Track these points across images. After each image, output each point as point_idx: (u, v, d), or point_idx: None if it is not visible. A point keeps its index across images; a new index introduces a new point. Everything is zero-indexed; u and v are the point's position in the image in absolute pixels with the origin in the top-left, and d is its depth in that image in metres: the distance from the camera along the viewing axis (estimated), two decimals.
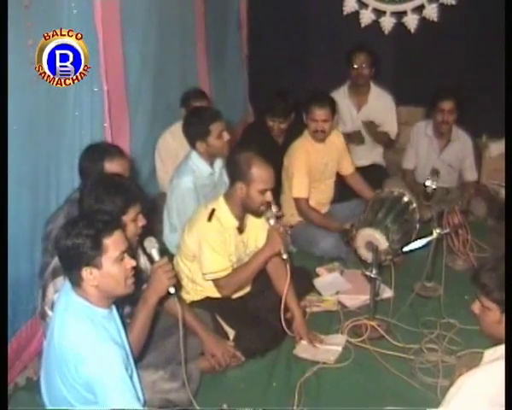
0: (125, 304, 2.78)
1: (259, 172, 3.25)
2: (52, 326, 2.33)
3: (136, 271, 2.47)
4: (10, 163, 2.79)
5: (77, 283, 2.29)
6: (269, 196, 3.28)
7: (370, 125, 5.23)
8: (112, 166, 3.04)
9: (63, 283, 2.44)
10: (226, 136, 3.90)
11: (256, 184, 3.25)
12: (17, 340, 3.10)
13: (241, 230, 3.43)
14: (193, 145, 3.93)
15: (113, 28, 3.72)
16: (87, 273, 2.26)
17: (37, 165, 3.17)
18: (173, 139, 4.46)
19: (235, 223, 3.38)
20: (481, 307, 2.26)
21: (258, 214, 3.38)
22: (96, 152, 3.09)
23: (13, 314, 3.04)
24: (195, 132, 3.88)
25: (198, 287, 3.45)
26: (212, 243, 3.29)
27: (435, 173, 3.96)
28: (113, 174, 2.94)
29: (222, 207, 3.35)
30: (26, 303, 3.12)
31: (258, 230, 3.47)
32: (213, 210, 3.32)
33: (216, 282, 3.35)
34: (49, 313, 2.59)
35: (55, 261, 2.57)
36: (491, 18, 5.09)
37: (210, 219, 3.30)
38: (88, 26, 3.36)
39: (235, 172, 3.32)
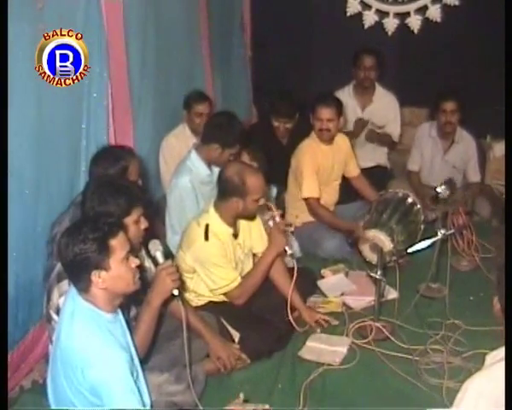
0: (130, 307, 2.79)
1: (254, 184, 3.25)
2: (58, 331, 2.33)
3: (141, 270, 2.48)
4: (21, 166, 2.84)
5: (85, 288, 2.28)
6: (262, 199, 3.29)
7: (372, 134, 5.26)
8: (132, 168, 3.11)
9: (68, 287, 2.45)
10: (233, 157, 3.92)
11: (252, 196, 3.25)
12: (24, 343, 3.11)
13: (235, 235, 3.43)
14: (206, 143, 3.91)
15: (117, 30, 3.72)
16: (96, 277, 2.26)
17: (48, 168, 3.20)
18: (177, 141, 4.46)
19: (230, 231, 3.38)
20: None
21: (252, 219, 3.42)
22: (116, 155, 3.12)
23: (21, 317, 3.06)
24: (220, 137, 3.84)
25: (200, 296, 3.45)
26: (215, 261, 3.29)
27: (449, 183, 3.92)
28: (115, 176, 2.95)
29: (214, 220, 3.32)
30: (33, 306, 3.13)
31: (249, 226, 3.49)
32: (207, 226, 3.28)
33: (228, 294, 3.35)
34: (54, 316, 2.60)
35: (60, 265, 2.57)
36: (494, 18, 5.07)
37: (207, 237, 3.27)
38: (97, 28, 3.41)
39: (228, 188, 3.28)
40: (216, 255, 3.29)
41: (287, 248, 3.30)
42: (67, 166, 3.35)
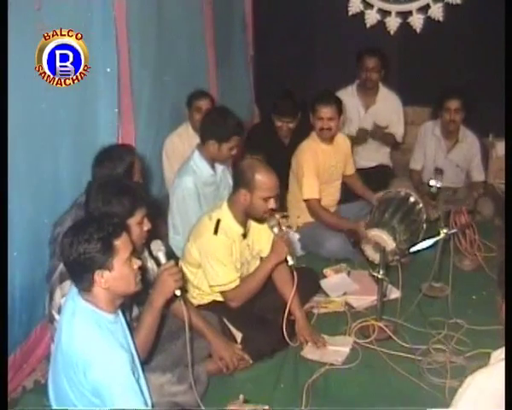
0: (132, 308, 2.78)
1: (263, 180, 3.21)
2: (59, 332, 2.33)
3: (143, 271, 2.48)
4: (22, 166, 2.85)
5: (87, 288, 2.28)
6: (272, 203, 3.24)
7: (377, 130, 5.24)
8: (135, 166, 3.13)
9: (70, 287, 2.45)
10: (235, 151, 3.91)
11: (259, 192, 3.21)
12: (26, 343, 3.12)
13: (245, 235, 3.42)
14: (204, 141, 3.89)
15: (121, 29, 3.73)
16: (99, 277, 2.25)
17: (50, 168, 3.21)
18: (180, 141, 4.45)
19: (240, 230, 3.36)
20: None
21: (261, 221, 3.38)
22: (120, 153, 3.15)
23: (23, 318, 3.06)
24: (215, 132, 3.82)
25: (204, 294, 3.45)
26: (219, 257, 3.27)
27: (439, 172, 3.94)
28: (119, 176, 2.95)
29: (226, 216, 3.31)
30: (35, 307, 3.13)
31: (259, 229, 3.47)
32: (218, 221, 3.28)
33: (224, 294, 3.34)
34: (57, 316, 2.60)
35: (63, 265, 2.57)
36: (496, 17, 5.07)
37: (216, 232, 3.27)
38: (105, 27, 3.44)
39: (239, 179, 3.29)
40: (221, 252, 3.28)
41: (288, 258, 3.28)
42: (70, 166, 3.35)
